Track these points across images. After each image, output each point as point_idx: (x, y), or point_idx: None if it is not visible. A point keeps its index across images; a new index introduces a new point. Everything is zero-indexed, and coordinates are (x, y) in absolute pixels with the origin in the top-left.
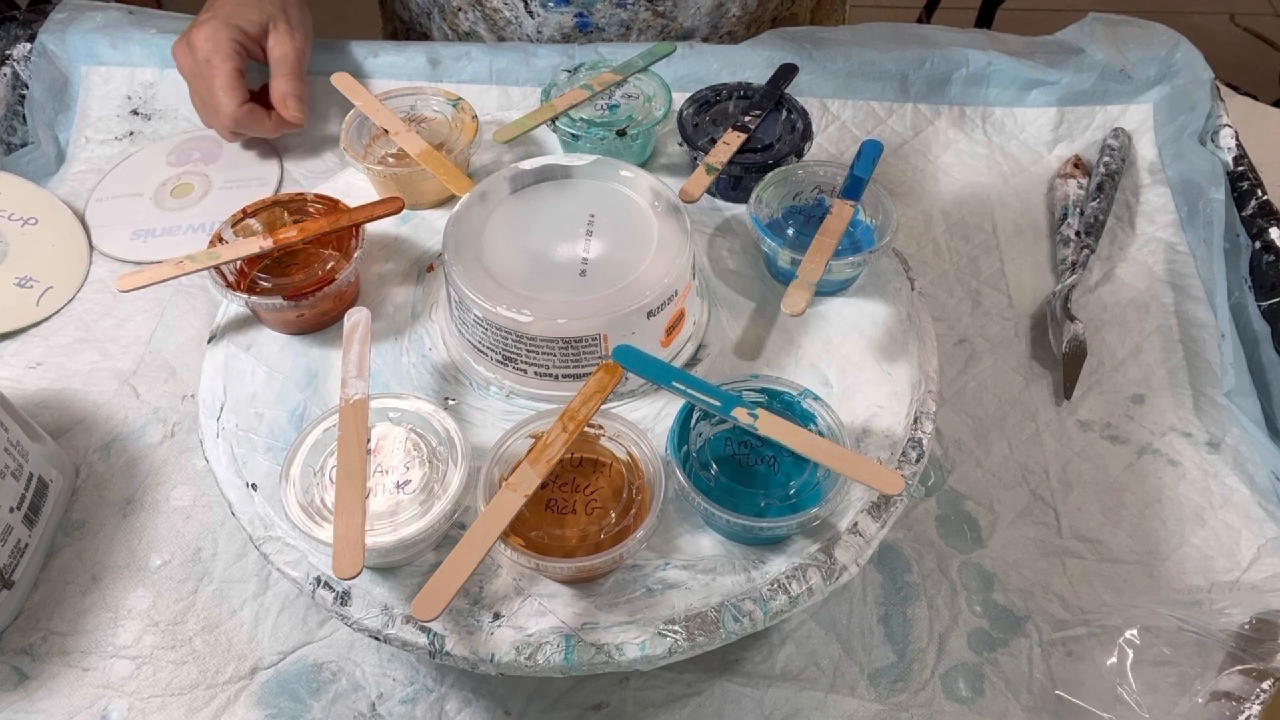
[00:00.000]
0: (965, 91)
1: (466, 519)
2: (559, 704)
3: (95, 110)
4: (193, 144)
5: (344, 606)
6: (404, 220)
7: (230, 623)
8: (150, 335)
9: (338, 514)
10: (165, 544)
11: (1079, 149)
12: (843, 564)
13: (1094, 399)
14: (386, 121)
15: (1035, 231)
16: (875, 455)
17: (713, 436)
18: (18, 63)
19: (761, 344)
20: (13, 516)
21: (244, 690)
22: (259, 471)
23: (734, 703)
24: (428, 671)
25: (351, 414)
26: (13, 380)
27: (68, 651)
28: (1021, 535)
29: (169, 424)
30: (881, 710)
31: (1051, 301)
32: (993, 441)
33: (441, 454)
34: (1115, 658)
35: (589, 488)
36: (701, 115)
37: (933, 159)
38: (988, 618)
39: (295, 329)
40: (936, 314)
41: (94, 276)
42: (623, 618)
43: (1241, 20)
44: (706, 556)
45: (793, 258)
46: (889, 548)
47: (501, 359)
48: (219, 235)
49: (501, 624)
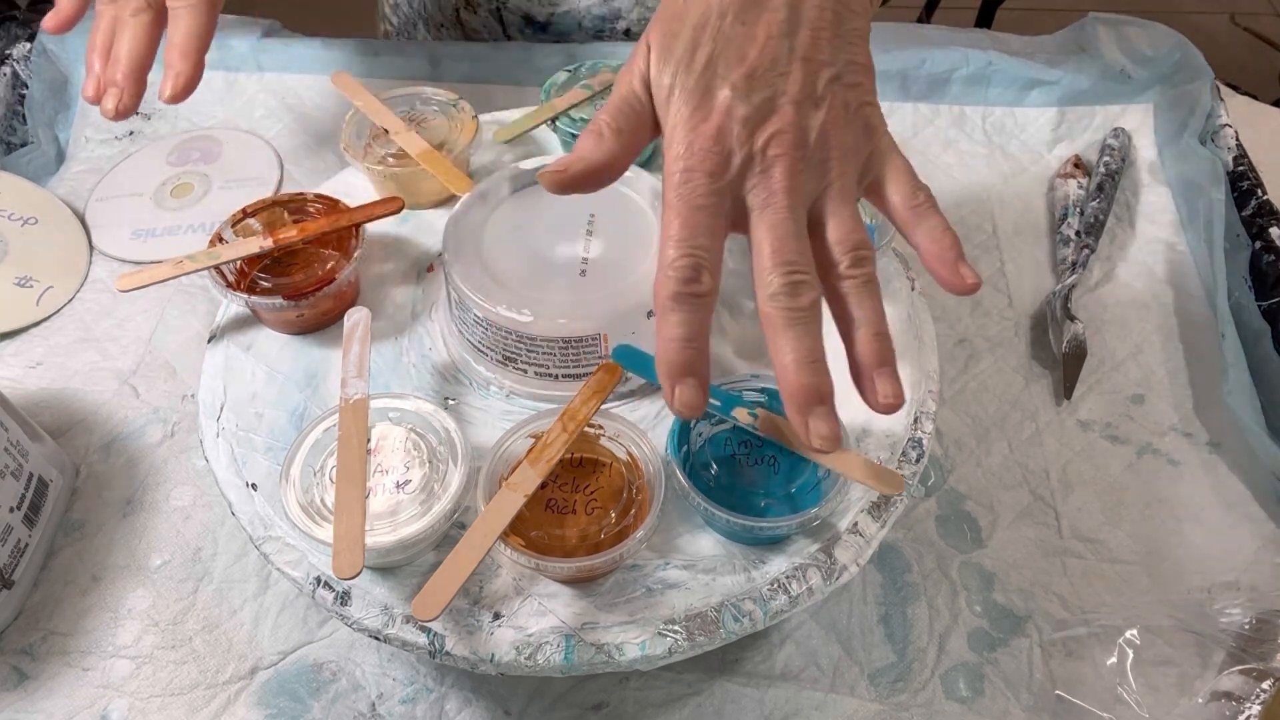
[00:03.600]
0: (965, 91)
1: (466, 519)
2: (559, 704)
3: (95, 110)
4: (193, 144)
5: (344, 606)
6: (404, 220)
7: (230, 623)
8: (150, 335)
9: (338, 514)
10: (165, 544)
11: (1079, 149)
12: (843, 564)
13: (1094, 399)
14: (386, 121)
15: (1035, 231)
16: (875, 455)
17: (713, 436)
18: (18, 62)
19: (761, 344)
20: (13, 516)
21: (244, 690)
22: (259, 471)
23: (734, 703)
24: (428, 671)
25: (351, 414)
26: (13, 380)
27: (68, 651)
28: (1021, 535)
29: (169, 424)
30: (881, 710)
31: (1051, 301)
32: (993, 441)
33: (441, 454)
34: (1115, 658)
35: (589, 488)
36: None
37: (933, 159)
38: (988, 618)
39: (295, 329)
40: (936, 314)
41: (94, 276)
42: (623, 618)
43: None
44: (706, 556)
45: None
46: (889, 548)
47: (501, 359)
48: (219, 235)
49: (501, 624)
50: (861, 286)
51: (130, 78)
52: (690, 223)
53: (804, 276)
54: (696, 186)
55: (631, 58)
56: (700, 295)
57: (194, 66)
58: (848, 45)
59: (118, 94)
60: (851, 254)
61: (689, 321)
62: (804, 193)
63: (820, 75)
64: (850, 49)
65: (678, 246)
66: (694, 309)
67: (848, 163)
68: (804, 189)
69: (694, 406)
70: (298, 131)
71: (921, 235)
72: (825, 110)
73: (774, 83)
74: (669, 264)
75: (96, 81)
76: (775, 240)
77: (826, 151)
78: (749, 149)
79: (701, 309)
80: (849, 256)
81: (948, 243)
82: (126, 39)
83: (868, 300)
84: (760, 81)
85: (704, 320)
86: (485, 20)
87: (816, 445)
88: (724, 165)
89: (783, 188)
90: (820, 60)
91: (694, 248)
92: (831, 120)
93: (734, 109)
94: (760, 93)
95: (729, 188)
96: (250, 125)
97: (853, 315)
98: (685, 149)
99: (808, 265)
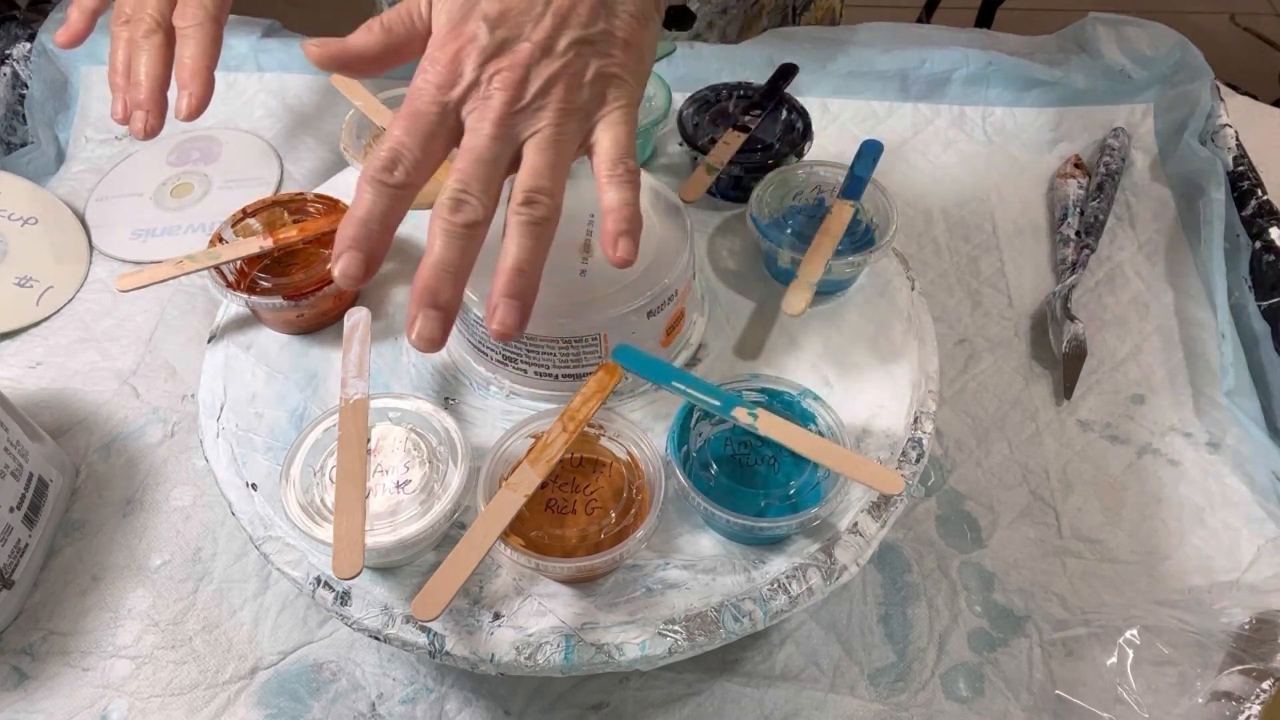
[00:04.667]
0: (965, 91)
1: (466, 519)
2: (559, 704)
3: (95, 110)
4: (193, 144)
5: (344, 606)
6: (404, 220)
7: (230, 623)
8: (150, 335)
9: (338, 514)
10: (165, 544)
11: (1079, 149)
12: (843, 564)
13: (1094, 399)
14: (386, 121)
15: (1035, 231)
16: (875, 455)
17: (713, 436)
18: (18, 62)
19: (761, 344)
20: (13, 516)
21: (244, 690)
22: (259, 471)
23: (734, 703)
24: (428, 671)
25: (351, 414)
26: (13, 380)
27: (68, 651)
28: (1021, 535)
29: (169, 424)
30: (881, 710)
31: (1051, 301)
32: (993, 441)
33: (441, 454)
34: (1115, 658)
35: (589, 488)
36: (701, 115)
37: (933, 159)
38: (988, 618)
39: (295, 329)
40: (936, 314)
41: (94, 276)
42: (623, 618)
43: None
44: (706, 556)
45: (793, 258)
46: (889, 548)
47: (501, 359)
48: (219, 235)
49: (501, 624)
50: (523, 224)
51: (152, 99)
52: (406, 124)
53: (469, 197)
54: (424, 95)
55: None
56: (390, 185)
57: (205, 85)
58: (609, 16)
59: (143, 116)
60: (525, 193)
61: (372, 204)
62: (512, 129)
63: (565, 33)
64: (611, 20)
65: (388, 142)
66: (380, 194)
67: (568, 118)
68: (513, 126)
69: (352, 277)
70: (298, 131)
71: (606, 201)
72: (559, 65)
73: (522, 26)
74: (376, 155)
75: (123, 102)
76: (465, 160)
77: (545, 100)
78: (476, 76)
79: (389, 197)
80: (523, 194)
81: (624, 214)
82: (143, 61)
83: (522, 238)
84: (509, 22)
85: (389, 208)
86: None
87: (414, 341)
88: (451, 83)
89: (493, 118)
90: (573, 20)
91: (400, 144)
92: (562, 74)
93: (478, 37)
94: (505, 30)
95: (452, 106)
96: (250, 125)
97: (507, 247)
98: (429, 62)
99: (481, 191)
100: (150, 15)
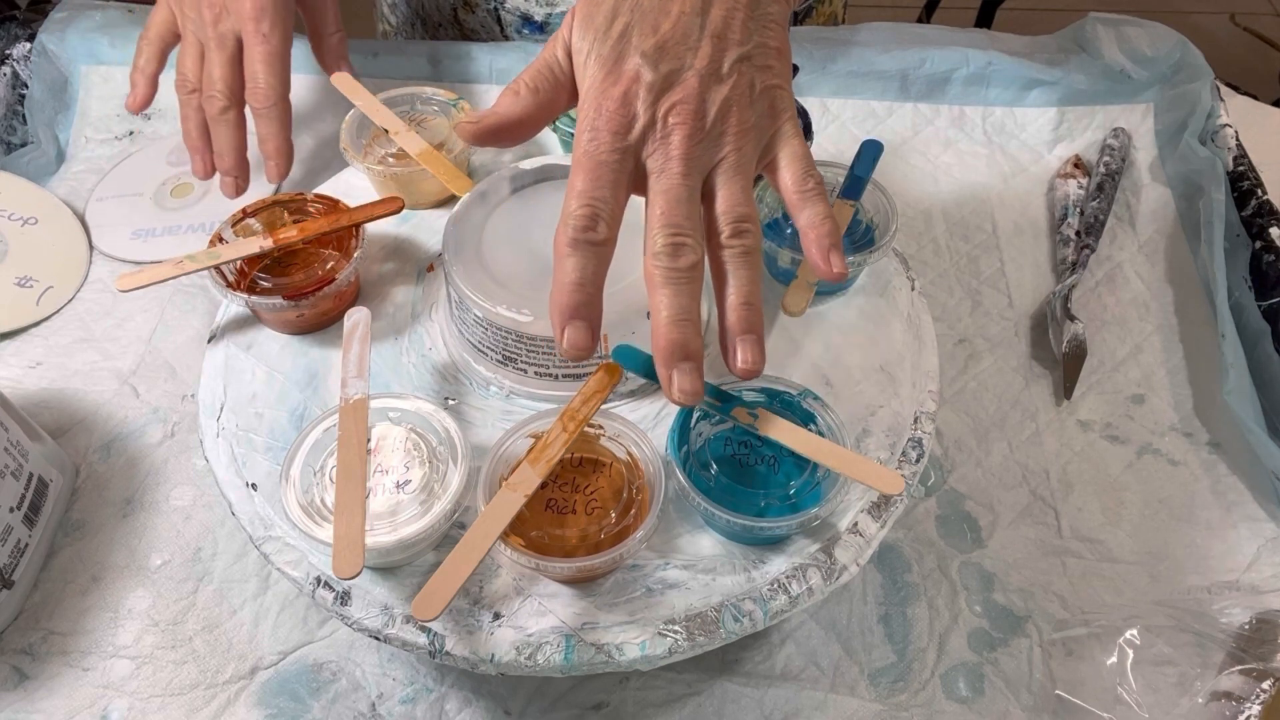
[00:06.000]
0: (965, 91)
1: (466, 519)
2: (559, 704)
3: (95, 110)
4: None
5: (344, 606)
6: (404, 220)
7: (230, 623)
8: (150, 335)
9: (338, 514)
10: (165, 544)
11: (1079, 149)
12: (843, 564)
13: (1094, 399)
14: (386, 121)
15: (1035, 231)
16: (875, 455)
17: (713, 436)
18: (18, 62)
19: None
20: (13, 516)
21: (244, 690)
22: (259, 471)
23: (734, 703)
24: (428, 671)
25: (351, 414)
26: (13, 380)
27: (68, 651)
28: (1021, 535)
29: (169, 424)
30: (881, 710)
31: (1051, 301)
32: (993, 441)
33: (441, 454)
34: (1115, 658)
35: (589, 488)
36: None
37: (933, 159)
38: (988, 618)
39: (295, 329)
40: (936, 314)
41: (94, 276)
42: (623, 618)
43: (1241, 20)
44: (706, 556)
45: (793, 258)
46: (889, 548)
47: (501, 359)
48: (219, 235)
49: (501, 624)
50: (739, 256)
51: (237, 167)
52: (592, 177)
53: (686, 239)
54: (601, 144)
55: (560, 28)
56: (595, 243)
57: (286, 157)
58: (761, 28)
59: (233, 181)
60: (733, 225)
61: (583, 267)
62: (699, 162)
63: (728, 53)
64: (764, 32)
65: (579, 199)
66: (589, 256)
67: (746, 139)
68: (699, 158)
69: (582, 348)
70: (298, 131)
71: (804, 219)
72: (729, 87)
73: (683, 56)
74: (569, 214)
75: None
76: (665, 203)
77: (725, 125)
78: (651, 115)
79: (596, 257)
80: (730, 226)
81: (826, 230)
82: (223, 136)
83: (742, 270)
84: (669, 53)
85: (598, 268)
86: (483, 20)
87: (676, 398)
88: (627, 127)
89: (678, 154)
90: (730, 39)
91: (594, 199)
92: (734, 97)
93: (641, 76)
94: (668, 64)
95: (631, 149)
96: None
97: (727, 282)
98: (594, 110)
99: (693, 230)
100: (220, 93)
